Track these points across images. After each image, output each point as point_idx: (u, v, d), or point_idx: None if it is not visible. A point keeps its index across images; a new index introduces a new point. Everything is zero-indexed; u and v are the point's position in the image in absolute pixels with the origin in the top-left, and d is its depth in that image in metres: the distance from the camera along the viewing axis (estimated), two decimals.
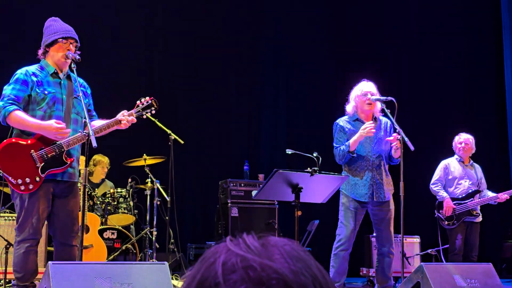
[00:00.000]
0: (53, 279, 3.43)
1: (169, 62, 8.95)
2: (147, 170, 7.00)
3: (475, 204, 6.75)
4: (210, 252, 0.77)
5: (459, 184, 6.88)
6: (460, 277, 4.63)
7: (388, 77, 8.95)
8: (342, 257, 5.29)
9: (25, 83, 4.23)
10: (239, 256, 0.73)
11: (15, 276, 4.22)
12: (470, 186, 6.86)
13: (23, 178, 4.13)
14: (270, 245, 0.76)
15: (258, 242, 0.76)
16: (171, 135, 6.76)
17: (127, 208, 6.94)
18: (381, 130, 5.52)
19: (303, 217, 4.71)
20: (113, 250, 6.66)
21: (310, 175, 4.45)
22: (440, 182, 6.91)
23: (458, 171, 6.92)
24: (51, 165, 4.19)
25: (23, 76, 4.25)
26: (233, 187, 7.57)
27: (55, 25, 4.38)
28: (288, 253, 0.75)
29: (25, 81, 4.23)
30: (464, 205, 6.73)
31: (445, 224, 6.77)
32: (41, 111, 4.24)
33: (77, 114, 4.38)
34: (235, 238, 0.78)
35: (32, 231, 4.15)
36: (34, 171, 4.15)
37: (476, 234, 6.76)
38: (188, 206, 8.66)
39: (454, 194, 6.84)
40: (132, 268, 3.77)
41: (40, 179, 4.16)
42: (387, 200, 5.39)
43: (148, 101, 4.53)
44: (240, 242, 0.77)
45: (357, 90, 5.52)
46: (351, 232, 5.31)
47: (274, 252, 0.74)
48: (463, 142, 6.97)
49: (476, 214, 6.76)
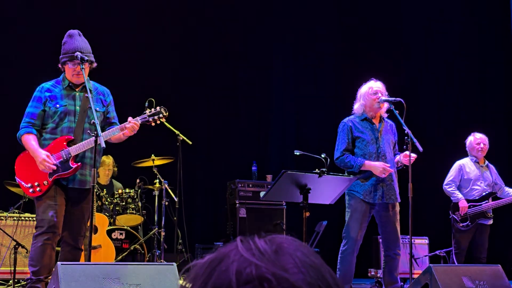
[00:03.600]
0: (62, 279, 3.44)
1: (177, 62, 8.96)
2: (155, 170, 7.02)
3: (492, 206, 6.65)
4: (220, 256, 0.75)
5: (475, 185, 6.75)
6: (469, 278, 4.61)
7: (398, 78, 8.92)
8: (349, 260, 5.26)
9: (39, 100, 4.60)
10: (253, 264, 0.71)
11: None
12: (485, 188, 6.74)
13: (32, 182, 4.50)
14: (283, 252, 0.74)
15: (270, 248, 0.74)
16: (179, 135, 6.78)
17: (136, 209, 6.95)
18: (388, 131, 5.52)
19: (311, 218, 4.70)
20: (121, 250, 6.68)
21: (318, 176, 4.45)
22: (454, 183, 6.79)
23: (474, 172, 6.78)
24: (58, 170, 4.48)
25: (38, 93, 4.63)
26: (241, 187, 7.57)
27: (68, 43, 4.61)
28: (302, 261, 0.73)
29: (39, 98, 4.61)
30: (479, 207, 6.64)
31: (459, 225, 6.67)
32: (53, 123, 4.57)
33: (90, 124, 4.59)
34: (246, 241, 0.76)
35: (48, 225, 4.39)
36: (43, 175, 4.49)
37: (486, 236, 6.67)
38: (196, 207, 8.66)
39: (470, 195, 6.72)
40: (141, 268, 3.78)
41: (48, 183, 4.48)
42: (397, 201, 5.37)
43: (157, 109, 4.69)
44: (252, 246, 0.75)
45: (366, 88, 5.50)
46: (357, 234, 5.28)
47: (288, 260, 0.72)
48: (481, 143, 6.80)
49: (490, 216, 6.67)
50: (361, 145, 5.37)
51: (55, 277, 3.52)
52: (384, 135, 5.44)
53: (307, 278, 0.71)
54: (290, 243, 0.76)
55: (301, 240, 3.57)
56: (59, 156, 4.47)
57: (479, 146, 6.80)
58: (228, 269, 0.72)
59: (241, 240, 0.76)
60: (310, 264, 0.73)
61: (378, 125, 5.46)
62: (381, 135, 5.42)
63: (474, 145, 6.84)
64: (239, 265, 0.72)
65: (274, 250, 0.74)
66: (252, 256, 0.73)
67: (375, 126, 5.44)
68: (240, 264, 0.72)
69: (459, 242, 6.70)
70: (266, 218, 7.52)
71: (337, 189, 4.67)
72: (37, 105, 4.59)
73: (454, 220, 6.70)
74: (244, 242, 0.76)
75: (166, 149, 7.23)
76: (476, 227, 6.68)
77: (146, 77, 8.67)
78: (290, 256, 0.73)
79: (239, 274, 0.71)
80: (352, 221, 5.32)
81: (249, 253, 0.73)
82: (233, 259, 0.73)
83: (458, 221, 6.65)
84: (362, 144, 5.37)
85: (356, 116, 5.50)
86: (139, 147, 7.67)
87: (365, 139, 5.37)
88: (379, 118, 5.50)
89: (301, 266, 0.72)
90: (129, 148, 7.66)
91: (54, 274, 3.56)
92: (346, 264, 5.25)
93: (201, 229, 8.68)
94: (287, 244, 0.76)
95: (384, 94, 5.43)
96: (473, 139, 6.88)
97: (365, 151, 5.35)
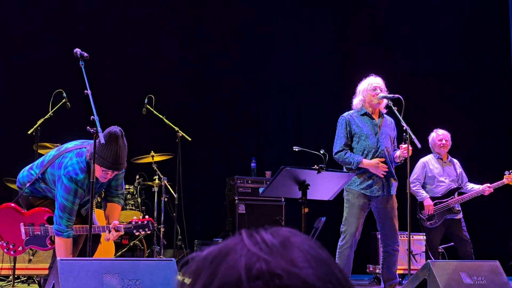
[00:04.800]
0: (62, 275, 3.45)
1: (176, 58, 8.97)
2: (155, 167, 7.03)
3: (459, 201, 6.68)
4: (225, 250, 0.72)
5: (440, 182, 6.76)
6: (467, 274, 4.62)
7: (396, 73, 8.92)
8: (347, 256, 5.28)
9: (81, 197, 4.32)
10: (262, 259, 0.68)
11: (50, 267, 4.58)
12: (450, 183, 6.76)
13: (9, 242, 4.48)
14: (291, 246, 0.71)
15: (277, 241, 0.71)
16: (178, 132, 6.79)
17: (135, 205, 6.97)
18: (388, 127, 5.53)
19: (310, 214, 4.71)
20: (121, 246, 6.70)
21: (317, 172, 4.46)
22: (418, 181, 6.79)
23: (437, 169, 6.79)
24: (34, 242, 4.49)
25: (79, 189, 4.26)
26: (240, 184, 7.59)
27: (109, 149, 4.21)
28: (311, 254, 0.71)
29: (82, 195, 4.31)
30: (445, 203, 6.67)
31: (427, 224, 6.70)
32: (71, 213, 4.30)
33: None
34: (251, 234, 0.73)
35: None
36: (19, 240, 4.48)
37: (461, 229, 6.62)
38: (195, 203, 8.68)
39: (435, 192, 6.73)
40: (140, 264, 3.79)
41: (22, 249, 4.51)
42: (393, 193, 5.39)
43: (144, 221, 4.59)
44: (258, 240, 0.71)
45: (366, 84, 5.51)
46: (355, 229, 5.30)
47: (297, 254, 0.70)
48: (443, 139, 6.82)
49: (457, 211, 6.68)
50: (359, 140, 5.39)
51: (54, 272, 3.53)
52: (384, 130, 5.46)
53: (317, 272, 0.69)
54: (297, 236, 0.73)
55: None
56: (37, 230, 4.45)
57: (441, 143, 6.82)
58: (236, 264, 0.69)
59: (246, 234, 0.74)
60: (319, 258, 0.71)
61: (377, 120, 5.47)
62: (380, 129, 5.44)
63: (436, 141, 6.85)
64: (247, 260, 0.69)
65: (282, 244, 0.71)
66: (260, 251, 0.70)
67: (375, 121, 5.45)
68: (248, 258, 0.69)
69: (430, 240, 6.72)
70: (265, 214, 7.54)
71: (335, 185, 4.68)
72: (76, 201, 4.28)
73: (421, 219, 6.73)
74: (250, 236, 0.73)
75: (165, 146, 7.24)
76: (446, 223, 6.69)
77: (145, 73, 8.68)
78: (299, 249, 0.71)
79: (249, 270, 0.68)
80: (349, 216, 5.35)
81: (257, 248, 0.70)
82: (241, 254, 0.70)
83: (425, 220, 6.68)
84: (361, 138, 5.39)
85: (356, 111, 5.52)
86: (139, 143, 7.68)
87: (363, 133, 5.38)
88: (378, 113, 5.51)
89: (310, 260, 0.70)
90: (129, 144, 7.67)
91: (54, 270, 3.57)
92: (344, 259, 5.27)
93: (200, 225, 8.69)
94: (294, 237, 0.73)
95: (383, 90, 5.44)
96: (435, 135, 6.89)
97: (364, 145, 5.37)
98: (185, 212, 7.10)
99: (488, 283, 4.63)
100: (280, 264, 0.68)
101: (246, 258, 0.69)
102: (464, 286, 4.53)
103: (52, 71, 8.06)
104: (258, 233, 0.73)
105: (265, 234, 0.73)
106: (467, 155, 8.28)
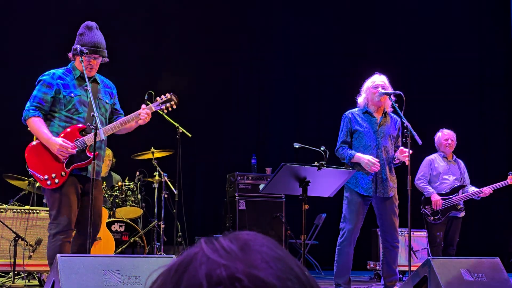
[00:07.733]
0: (62, 271, 3.45)
1: (177, 55, 8.96)
2: (155, 163, 7.02)
3: (460, 199, 6.75)
4: (186, 260, 0.73)
5: (444, 179, 6.89)
6: (467, 271, 4.62)
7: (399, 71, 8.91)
8: (346, 253, 5.28)
9: (50, 85, 4.45)
10: (221, 265, 0.70)
11: None
12: (454, 181, 6.88)
13: (49, 174, 4.36)
14: (249, 249, 0.73)
15: (236, 246, 0.73)
16: (179, 128, 6.77)
17: (135, 201, 6.96)
18: (390, 126, 5.52)
19: (310, 211, 4.71)
20: (121, 243, 6.69)
21: (317, 169, 4.45)
22: (425, 178, 6.92)
23: (442, 167, 6.92)
24: (75, 160, 4.39)
25: (49, 79, 4.47)
26: (240, 180, 7.58)
27: (87, 35, 4.50)
28: (269, 255, 0.72)
29: (50, 83, 4.45)
30: (449, 200, 6.73)
31: (431, 219, 6.77)
32: (67, 112, 4.44)
33: (101, 115, 4.55)
34: (210, 241, 0.75)
35: (66, 223, 4.32)
36: (59, 166, 4.37)
37: (457, 229, 6.81)
38: (195, 199, 8.68)
39: (439, 189, 6.85)
40: (140, 261, 3.79)
41: (65, 174, 4.37)
42: (390, 196, 5.38)
43: (168, 96, 4.70)
44: (217, 246, 0.73)
45: (369, 82, 5.53)
46: (354, 226, 5.29)
47: (256, 257, 0.72)
48: (449, 139, 6.97)
49: (461, 208, 6.78)
50: (358, 137, 5.40)
51: (54, 269, 3.53)
52: (385, 128, 5.45)
53: (276, 272, 0.70)
54: (255, 239, 0.75)
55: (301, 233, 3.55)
56: (75, 146, 4.35)
57: (447, 142, 6.96)
58: (197, 273, 0.70)
59: (205, 242, 0.75)
60: (277, 258, 0.73)
61: (379, 119, 5.46)
62: (380, 128, 5.42)
63: (442, 141, 7.00)
64: (207, 267, 0.71)
65: (240, 248, 0.73)
66: (219, 257, 0.72)
67: (375, 119, 5.45)
68: (208, 266, 0.71)
69: (434, 236, 6.78)
70: (265, 210, 7.54)
71: (336, 182, 4.67)
72: (47, 90, 4.42)
73: (426, 214, 6.78)
74: (209, 243, 0.74)
75: (165, 142, 7.23)
76: (449, 220, 6.78)
77: (145, 70, 8.67)
78: (257, 252, 0.73)
79: (209, 277, 0.70)
80: (348, 212, 5.35)
81: (216, 254, 0.72)
82: (201, 262, 0.72)
83: (429, 215, 6.74)
84: (360, 136, 5.40)
85: (359, 109, 5.54)
86: (139, 139, 7.67)
87: (362, 131, 5.39)
88: (381, 112, 5.50)
89: (269, 260, 0.72)
90: (129, 141, 7.68)
91: (54, 266, 3.56)
92: (344, 255, 5.27)
93: (201, 221, 8.70)
94: (253, 240, 0.75)
95: (386, 88, 5.44)
96: (441, 135, 7.04)
97: (363, 143, 5.38)
98: (185, 209, 7.10)
99: (489, 280, 4.63)
100: (239, 268, 0.70)
101: (206, 266, 0.71)
102: (465, 283, 4.53)
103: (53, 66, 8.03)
104: (217, 240, 0.75)
105: (224, 241, 0.74)
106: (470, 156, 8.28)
